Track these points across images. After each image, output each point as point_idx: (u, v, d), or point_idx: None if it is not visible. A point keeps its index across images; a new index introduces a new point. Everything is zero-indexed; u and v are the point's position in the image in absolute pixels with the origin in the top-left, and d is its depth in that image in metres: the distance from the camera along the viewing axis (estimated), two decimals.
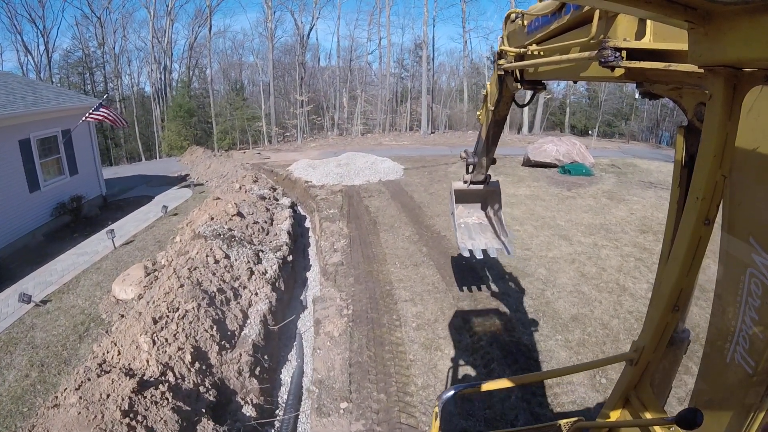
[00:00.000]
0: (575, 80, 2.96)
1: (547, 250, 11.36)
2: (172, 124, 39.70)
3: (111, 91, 46.09)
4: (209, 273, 8.91)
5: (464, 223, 7.10)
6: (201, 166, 22.77)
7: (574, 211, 14.79)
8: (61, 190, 16.91)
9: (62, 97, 17.87)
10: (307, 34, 47.35)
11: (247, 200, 13.28)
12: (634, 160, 24.44)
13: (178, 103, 40.42)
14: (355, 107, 48.32)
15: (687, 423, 1.59)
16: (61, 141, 17.05)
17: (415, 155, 26.76)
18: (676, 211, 2.25)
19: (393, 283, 9.56)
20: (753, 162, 1.54)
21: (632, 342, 2.36)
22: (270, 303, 9.00)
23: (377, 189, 18.33)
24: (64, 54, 42.35)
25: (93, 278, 11.71)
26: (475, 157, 6.32)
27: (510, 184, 18.57)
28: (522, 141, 38.03)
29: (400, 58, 52.83)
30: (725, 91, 1.51)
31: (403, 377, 6.67)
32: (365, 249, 11.54)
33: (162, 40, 44.30)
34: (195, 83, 48.38)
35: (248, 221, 12.04)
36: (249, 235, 11.38)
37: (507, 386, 2.90)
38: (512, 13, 4.09)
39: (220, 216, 11.71)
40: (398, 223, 13.64)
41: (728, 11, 1.26)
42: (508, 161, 23.73)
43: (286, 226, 12.93)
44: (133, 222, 15.79)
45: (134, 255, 12.70)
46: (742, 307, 1.61)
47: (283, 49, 49.77)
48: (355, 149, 30.80)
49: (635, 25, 2.21)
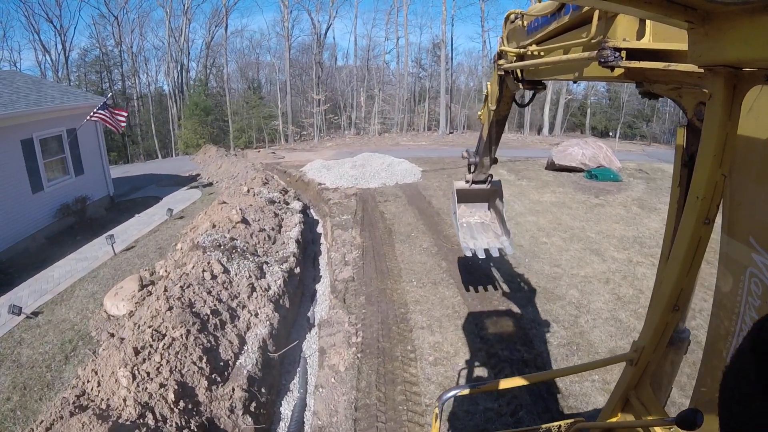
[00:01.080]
0: (575, 80, 2.86)
1: (579, 268, 10.20)
2: (188, 122, 39.23)
3: (129, 89, 45.90)
4: (204, 291, 7.99)
5: (466, 222, 7.01)
6: (212, 166, 21.95)
7: (605, 221, 13.56)
8: (66, 191, 16.28)
9: (67, 96, 17.22)
10: (324, 33, 46.62)
11: (254, 205, 12.37)
12: (662, 165, 22.94)
13: (194, 101, 39.93)
14: (372, 107, 47.38)
15: (687, 423, 1.55)
16: (66, 140, 16.41)
17: (434, 156, 25.59)
18: (676, 211, 2.26)
19: (408, 305, 8.52)
20: (753, 162, 1.58)
21: (632, 342, 2.30)
22: (271, 326, 8.05)
23: (393, 193, 17.27)
24: (81, 53, 42.18)
25: (88, 288, 10.94)
26: (476, 157, 6.29)
27: (534, 189, 17.36)
28: (543, 142, 36.63)
29: (418, 58, 51.81)
30: (725, 91, 1.48)
31: (416, 426, 5.64)
32: (379, 262, 10.50)
33: (179, 39, 43.88)
34: (212, 82, 47.97)
35: (253, 229, 11.12)
36: (253, 245, 10.46)
37: (506, 386, 2.89)
38: (512, 13, 4.04)
39: (222, 223, 10.81)
40: (415, 232, 12.56)
41: (728, 11, 1.24)
42: (530, 164, 22.48)
43: (295, 233, 11.99)
44: (137, 225, 15.03)
45: (133, 263, 11.90)
46: (742, 307, 1.62)
47: (300, 48, 49.20)
48: (371, 149, 29.83)
49: (635, 25, 2.18)
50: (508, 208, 15.28)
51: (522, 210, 14.42)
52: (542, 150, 29.12)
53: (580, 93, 50.91)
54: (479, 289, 9.21)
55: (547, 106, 46.12)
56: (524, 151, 28.59)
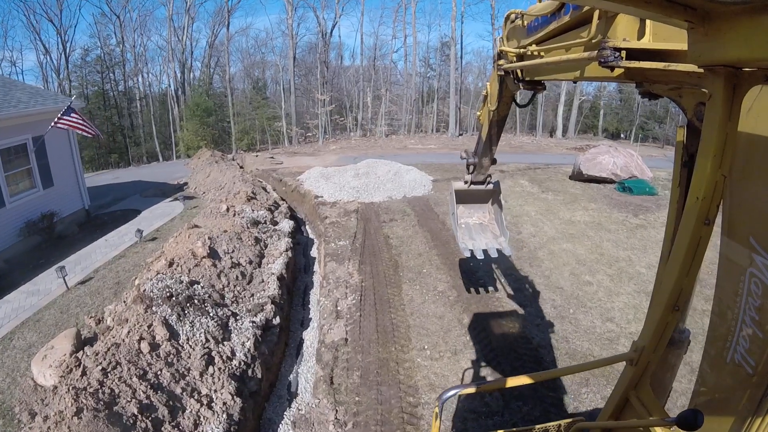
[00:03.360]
0: (575, 80, 2.77)
1: (638, 322, 7.66)
2: (189, 123, 36.95)
3: (132, 89, 43.76)
4: (135, 375, 5.59)
5: (465, 223, 6.92)
6: (201, 174, 19.49)
7: (651, 249, 10.97)
8: (33, 206, 14.03)
9: (35, 100, 14.87)
10: (330, 31, 44.13)
11: (230, 230, 9.95)
12: None
13: (195, 101, 37.61)
14: (379, 107, 44.87)
15: (687, 424, 1.55)
16: (31, 149, 14.11)
17: (445, 162, 22.89)
18: (676, 211, 2.24)
19: (419, 390, 6.02)
20: (753, 162, 1.54)
21: (632, 342, 2.24)
22: (229, 421, 5.64)
23: (401, 209, 14.70)
24: (82, 53, 39.95)
25: (27, 338, 8.66)
26: (475, 158, 6.21)
27: (563, 205, 14.74)
28: (559, 146, 33.92)
29: (426, 57, 49.14)
30: (725, 91, 1.46)
31: None
32: (381, 314, 7.98)
33: (182, 39, 41.64)
34: (217, 82, 45.69)
35: (223, 266, 8.70)
36: (220, 290, 8.04)
37: (506, 387, 2.88)
38: (512, 13, 3.93)
39: (184, 259, 8.40)
40: (428, 266, 10.02)
41: (728, 11, 1.23)
42: (552, 173, 19.83)
43: (278, 266, 9.56)
44: (105, 248, 12.69)
45: (84, 303, 9.56)
46: (742, 307, 1.58)
47: (306, 48, 46.82)
48: (377, 154, 27.36)
49: (635, 25, 2.12)
50: (537, 229, 12.84)
51: (554, 234, 11.86)
52: (561, 156, 26.49)
53: (591, 94, 48.05)
54: (511, 356, 6.71)
55: (561, 107, 43.31)
56: (541, 156, 25.94)
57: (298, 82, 44.80)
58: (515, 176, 19.19)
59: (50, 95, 15.81)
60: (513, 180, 18.31)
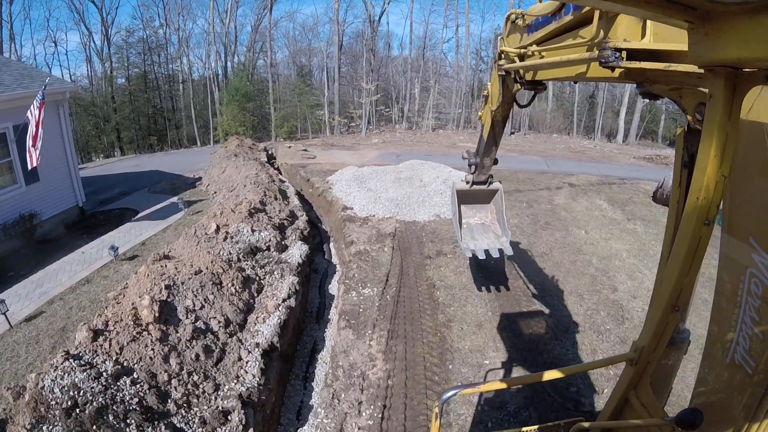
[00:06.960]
0: (575, 81, 2.73)
1: None
2: (228, 108, 34.51)
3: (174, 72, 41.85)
4: None
5: (467, 223, 6.73)
6: (216, 169, 16.58)
7: None
8: (11, 206, 11.67)
9: (20, 82, 12.29)
10: (378, 18, 40.44)
11: (207, 270, 6.82)
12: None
13: (234, 86, 35.11)
14: (426, 100, 40.97)
15: (687, 423, 1.51)
16: (12, 140, 11.59)
17: (502, 168, 18.94)
18: (676, 211, 2.19)
19: None
20: (753, 162, 1.49)
21: (632, 342, 2.14)
22: None
23: (451, 236, 10.89)
24: (125, 34, 38.13)
25: None
26: (477, 158, 6.06)
27: (658, 241, 10.74)
28: (623, 153, 29.13)
29: (478, 49, 44.57)
30: (725, 91, 1.40)
31: None
32: None
33: (225, 22, 39.17)
34: (262, 68, 43.14)
35: (181, 336, 5.57)
36: (164, 382, 4.92)
37: (505, 387, 2.70)
38: (513, 13, 3.81)
39: (120, 326, 5.31)
40: (492, 351, 6.42)
41: (728, 11, 1.20)
42: (631, 191, 15.61)
43: (268, 332, 6.35)
44: (76, 265, 9.93)
45: (17, 355, 6.79)
46: (742, 307, 1.53)
47: (353, 36, 43.45)
48: (423, 152, 23.80)
49: (636, 26, 2.06)
50: (637, 284, 8.90)
51: None
52: (631, 167, 21.99)
53: None
54: None
55: (624, 110, 38.00)
56: (611, 167, 21.48)
57: (344, 70, 41.54)
58: (589, 193, 15.18)
59: (41, 76, 13.15)
60: (588, 199, 14.33)
